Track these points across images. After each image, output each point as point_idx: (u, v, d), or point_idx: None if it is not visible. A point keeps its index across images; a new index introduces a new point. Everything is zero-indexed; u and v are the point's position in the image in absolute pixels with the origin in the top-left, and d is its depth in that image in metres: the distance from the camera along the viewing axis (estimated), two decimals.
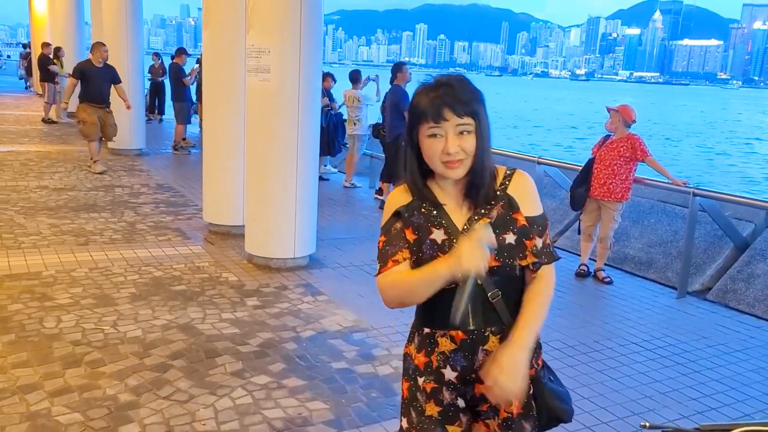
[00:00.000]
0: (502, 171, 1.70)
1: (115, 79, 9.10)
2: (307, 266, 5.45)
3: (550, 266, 1.70)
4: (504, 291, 1.65)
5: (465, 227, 1.65)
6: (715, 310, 5.10)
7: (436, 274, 1.53)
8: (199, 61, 11.01)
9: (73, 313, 4.17)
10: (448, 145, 1.57)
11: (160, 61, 15.54)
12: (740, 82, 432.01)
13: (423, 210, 1.67)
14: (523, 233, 1.64)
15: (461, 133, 1.58)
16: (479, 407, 1.72)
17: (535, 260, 1.65)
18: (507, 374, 1.54)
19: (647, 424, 1.15)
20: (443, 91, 1.58)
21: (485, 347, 1.66)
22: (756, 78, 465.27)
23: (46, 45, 14.98)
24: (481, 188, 1.64)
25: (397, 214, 1.69)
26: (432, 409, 1.70)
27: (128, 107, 9.22)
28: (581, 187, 5.63)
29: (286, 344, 3.91)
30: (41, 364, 3.47)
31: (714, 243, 5.97)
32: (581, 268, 5.66)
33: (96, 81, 8.83)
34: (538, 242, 1.66)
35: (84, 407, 3.07)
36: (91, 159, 9.07)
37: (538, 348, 1.75)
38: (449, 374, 1.68)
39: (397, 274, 1.63)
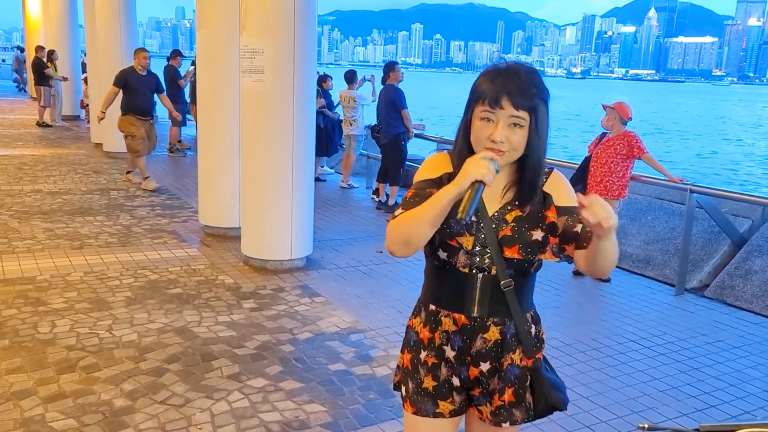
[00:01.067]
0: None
1: (159, 88, 8.50)
2: (304, 268, 5.43)
3: None
4: (516, 283, 1.66)
5: (495, 215, 1.65)
6: (713, 307, 5.09)
7: (443, 192, 1.53)
8: (194, 63, 10.96)
9: (68, 318, 4.13)
10: (496, 132, 1.57)
11: None
12: (734, 79, 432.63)
13: None
14: (550, 230, 1.65)
15: (513, 125, 1.57)
16: (473, 391, 1.75)
17: (557, 259, 1.68)
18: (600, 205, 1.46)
19: (646, 426, 1.12)
20: (508, 78, 1.57)
21: (485, 335, 1.69)
22: (751, 74, 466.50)
23: (39, 48, 14.92)
24: (532, 188, 1.65)
25: (437, 182, 1.65)
26: (429, 383, 1.74)
27: (178, 118, 8.62)
28: (578, 185, 5.60)
29: (283, 346, 3.89)
30: (35, 370, 3.44)
31: (711, 240, 5.96)
32: None
33: (140, 91, 8.17)
34: (579, 227, 1.62)
35: (78, 413, 3.04)
36: (142, 176, 8.35)
37: (540, 343, 1.77)
38: (449, 352, 1.72)
39: (406, 213, 1.60)
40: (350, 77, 9.16)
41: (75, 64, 16.03)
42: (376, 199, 8.18)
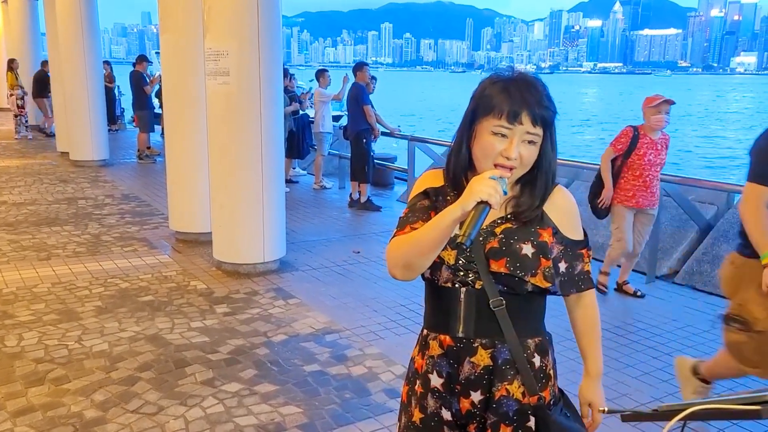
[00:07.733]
0: None
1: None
2: (278, 270, 5.39)
3: (592, 292, 1.68)
4: (510, 303, 1.51)
5: (486, 228, 1.51)
6: (683, 293, 5.18)
7: (446, 212, 1.37)
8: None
9: (36, 330, 4.05)
10: (511, 149, 1.43)
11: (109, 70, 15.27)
12: (697, 68, 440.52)
13: (449, 198, 1.54)
14: (542, 249, 1.50)
15: (528, 142, 1.45)
16: (468, 427, 1.59)
17: (548, 284, 1.52)
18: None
19: (605, 409, 1.14)
20: (526, 93, 1.44)
21: (472, 359, 1.53)
22: (715, 65, 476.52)
23: None
24: (532, 208, 1.52)
25: (425, 194, 1.58)
26: (416, 415, 1.61)
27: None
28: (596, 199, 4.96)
29: (257, 350, 3.85)
30: (2, 384, 3.36)
31: (679, 227, 6.06)
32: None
33: None
34: (576, 266, 1.58)
35: (48, 426, 2.98)
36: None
37: (546, 379, 1.62)
38: (435, 380, 1.58)
39: (407, 234, 1.50)
40: (317, 75, 9.19)
41: None
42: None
